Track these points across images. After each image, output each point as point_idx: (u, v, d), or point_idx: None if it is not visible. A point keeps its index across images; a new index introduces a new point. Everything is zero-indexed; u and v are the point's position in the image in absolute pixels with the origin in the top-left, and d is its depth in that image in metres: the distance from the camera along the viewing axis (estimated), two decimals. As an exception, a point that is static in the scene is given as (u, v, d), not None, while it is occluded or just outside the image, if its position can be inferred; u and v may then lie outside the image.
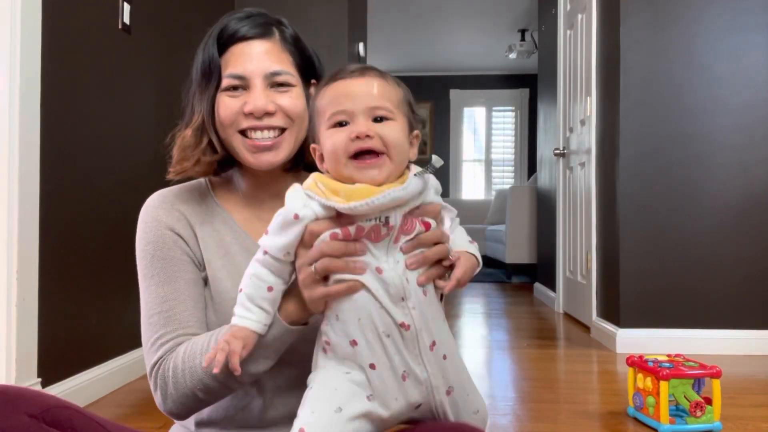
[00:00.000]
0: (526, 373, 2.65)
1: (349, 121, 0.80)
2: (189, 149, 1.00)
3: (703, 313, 2.94)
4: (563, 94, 4.23)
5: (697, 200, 2.97)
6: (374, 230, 0.78)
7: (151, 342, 0.96)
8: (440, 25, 6.63)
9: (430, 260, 0.82)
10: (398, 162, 0.81)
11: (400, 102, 0.84)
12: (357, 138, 0.78)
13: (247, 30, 0.99)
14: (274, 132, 0.98)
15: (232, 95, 0.98)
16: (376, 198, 0.75)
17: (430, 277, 0.82)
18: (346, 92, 0.81)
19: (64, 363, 2.03)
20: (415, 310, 0.80)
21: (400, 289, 0.79)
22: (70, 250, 2.07)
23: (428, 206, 0.83)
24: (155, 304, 0.97)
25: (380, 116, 0.81)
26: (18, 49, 1.78)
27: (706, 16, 2.99)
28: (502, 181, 8.43)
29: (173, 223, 1.01)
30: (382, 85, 0.83)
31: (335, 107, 0.81)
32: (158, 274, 0.98)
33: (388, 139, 0.79)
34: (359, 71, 0.84)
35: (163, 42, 2.77)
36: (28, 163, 1.82)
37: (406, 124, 0.84)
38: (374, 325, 0.79)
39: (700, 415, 1.82)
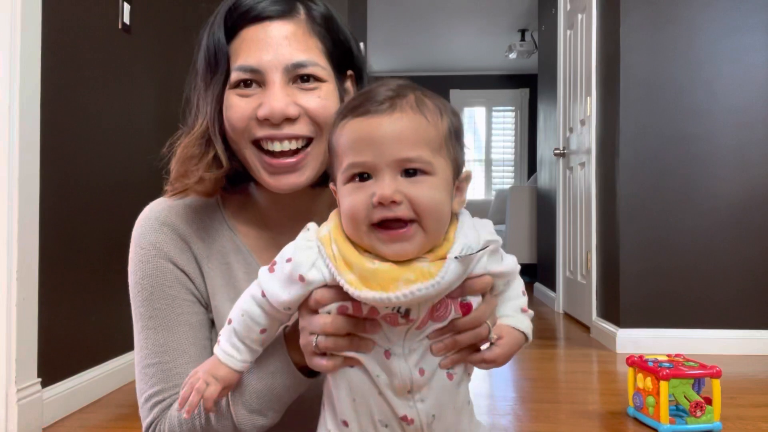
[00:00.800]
0: (526, 373, 2.65)
1: (372, 175, 0.62)
2: (191, 162, 0.79)
3: (703, 313, 2.94)
4: (563, 94, 4.23)
5: (697, 200, 2.97)
6: (390, 317, 0.62)
7: (145, 397, 0.81)
8: (440, 25, 6.63)
9: (462, 346, 0.65)
10: (435, 230, 0.62)
11: (443, 142, 0.64)
12: (380, 204, 0.60)
13: (263, 7, 0.77)
14: (297, 143, 0.76)
15: (242, 94, 0.77)
16: (395, 296, 0.59)
17: (457, 360, 0.66)
18: (369, 136, 0.61)
19: (64, 363, 2.03)
20: (424, 403, 0.65)
21: (408, 381, 0.63)
22: (70, 251, 2.07)
23: (475, 282, 0.64)
24: (152, 353, 0.81)
25: (413, 169, 0.61)
26: (18, 49, 1.78)
27: (706, 16, 2.99)
28: (502, 181, 8.43)
29: (176, 256, 0.83)
30: (419, 124, 0.62)
31: (354, 156, 0.62)
32: (157, 316, 0.82)
33: (421, 203, 0.60)
34: (389, 102, 0.63)
35: (163, 42, 2.77)
36: (28, 163, 1.82)
37: (449, 171, 0.64)
38: (370, 412, 0.65)
39: (700, 415, 1.82)
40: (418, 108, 0.63)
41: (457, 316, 0.64)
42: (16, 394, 1.76)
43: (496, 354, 0.67)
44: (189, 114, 0.83)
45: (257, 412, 0.74)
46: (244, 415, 0.74)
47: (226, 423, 0.75)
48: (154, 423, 0.80)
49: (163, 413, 0.79)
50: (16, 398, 1.76)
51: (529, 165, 8.12)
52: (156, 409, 0.80)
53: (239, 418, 0.74)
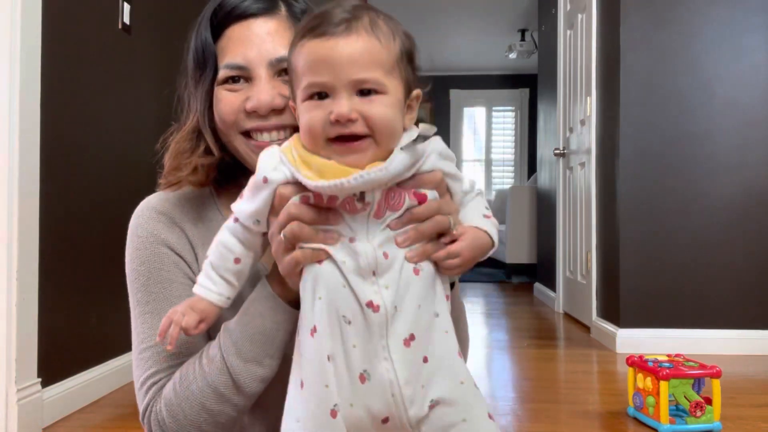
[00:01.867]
0: (526, 373, 2.66)
1: (329, 94, 0.66)
2: (184, 156, 0.84)
3: (703, 313, 2.94)
4: (563, 94, 4.23)
5: (697, 200, 2.97)
6: (348, 202, 0.66)
7: (141, 381, 0.81)
8: (440, 25, 6.63)
9: (425, 235, 0.68)
10: (386, 144, 0.66)
11: (396, 63, 0.68)
12: (336, 121, 0.65)
13: (247, 6, 0.81)
14: (283, 132, 0.81)
15: (231, 89, 0.81)
16: (347, 180, 0.63)
17: (422, 253, 0.68)
18: (326, 57, 0.65)
19: (64, 363, 2.03)
20: (389, 290, 0.66)
21: (372, 260, 0.66)
22: (70, 250, 2.07)
23: (424, 176, 0.69)
24: (148, 337, 0.82)
25: (367, 89, 0.66)
26: (18, 49, 1.78)
27: (706, 16, 2.99)
28: (502, 181, 8.43)
29: (173, 241, 0.85)
30: (372, 46, 0.66)
31: (312, 77, 0.66)
32: (154, 300, 0.83)
33: (374, 120, 0.65)
34: (345, 24, 0.66)
35: (163, 42, 2.77)
36: (28, 163, 1.82)
37: (401, 89, 0.69)
38: (335, 307, 0.66)
39: (700, 415, 1.82)
40: (372, 31, 0.67)
41: (412, 203, 0.68)
42: (16, 394, 1.76)
43: (459, 246, 0.69)
44: (180, 112, 0.88)
45: (252, 360, 0.75)
46: (240, 366, 0.75)
47: (224, 379, 0.75)
48: (150, 405, 0.80)
49: (158, 393, 0.80)
50: (16, 398, 1.76)
51: (529, 165, 8.12)
52: (151, 390, 0.81)
53: (235, 370, 0.75)
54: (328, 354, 0.65)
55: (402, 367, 0.65)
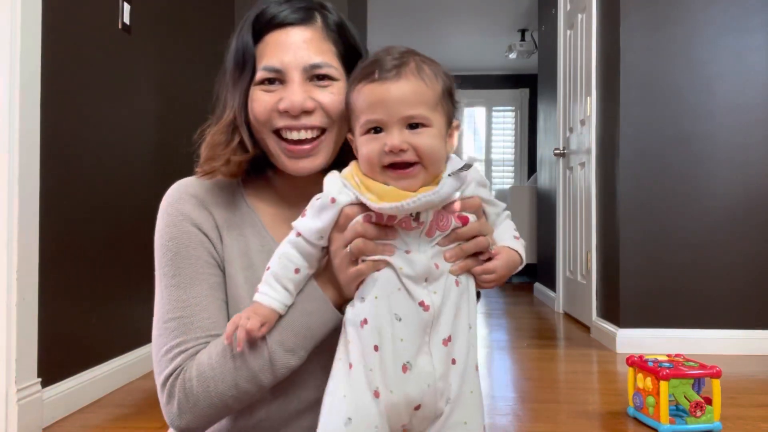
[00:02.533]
0: (526, 373, 2.66)
1: (383, 129, 0.78)
2: (219, 147, 0.90)
3: (703, 313, 2.94)
4: (563, 94, 4.23)
5: (697, 200, 2.97)
6: (405, 221, 0.78)
7: (166, 349, 0.86)
8: (440, 26, 6.63)
9: (467, 252, 0.81)
10: (433, 169, 0.79)
11: (439, 100, 0.81)
12: (390, 151, 0.76)
13: (285, 15, 0.89)
14: (312, 132, 0.89)
15: (266, 90, 0.88)
16: (406, 203, 0.75)
17: (464, 267, 0.80)
18: (381, 99, 0.78)
19: (64, 363, 2.03)
20: (437, 295, 0.78)
21: (426, 269, 0.77)
22: (70, 250, 2.07)
23: (466, 201, 0.81)
24: (174, 308, 0.87)
25: (415, 123, 0.78)
26: (18, 49, 1.78)
27: (706, 16, 2.99)
28: (502, 181, 8.43)
29: (201, 222, 0.91)
30: (418, 88, 0.79)
31: (369, 114, 0.79)
32: (180, 274, 0.89)
33: (422, 149, 0.77)
34: (395, 71, 0.78)
35: (163, 42, 2.77)
36: (28, 163, 1.82)
37: (443, 123, 0.81)
38: (389, 305, 0.77)
39: (700, 415, 1.82)
40: (419, 74, 0.79)
41: (457, 225, 0.80)
42: (16, 394, 1.76)
43: (495, 264, 0.82)
44: (217, 107, 0.94)
45: (291, 350, 0.82)
46: (279, 353, 0.82)
47: (261, 363, 0.82)
48: (176, 370, 0.85)
49: (188, 361, 0.85)
50: (16, 398, 1.76)
51: (529, 165, 8.11)
52: (179, 358, 0.85)
53: (274, 356, 0.82)
54: (375, 344, 0.76)
55: (439, 363, 0.77)
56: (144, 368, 2.51)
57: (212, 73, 0.99)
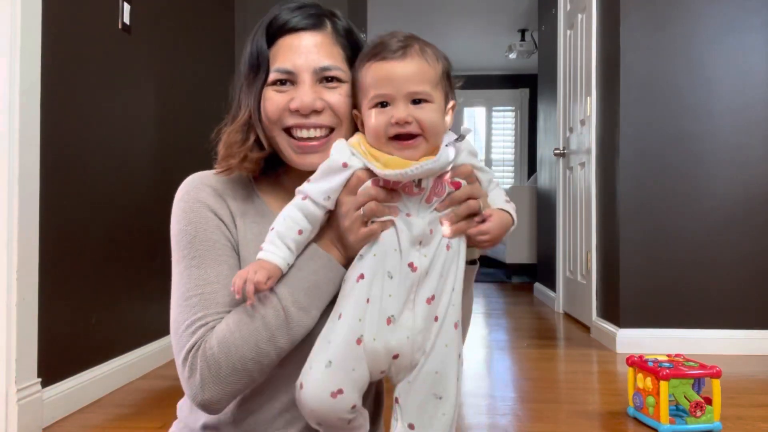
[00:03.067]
0: (526, 373, 2.66)
1: (390, 103, 0.85)
2: (235, 146, 0.96)
3: (703, 313, 2.94)
4: (563, 94, 4.23)
5: (696, 200, 2.97)
6: (408, 187, 0.85)
7: (187, 324, 0.89)
8: (440, 25, 6.63)
9: (461, 216, 0.87)
10: (433, 141, 0.86)
11: (439, 79, 0.88)
12: (396, 123, 0.84)
13: (298, 21, 0.95)
14: (321, 131, 0.94)
15: (278, 90, 0.94)
16: (410, 170, 0.82)
17: (457, 229, 0.87)
18: (387, 75, 0.85)
19: (64, 363, 2.03)
20: (426, 258, 0.84)
21: (421, 232, 0.84)
22: (70, 250, 2.07)
23: (459, 168, 0.88)
24: (195, 286, 0.90)
25: (419, 98, 0.85)
26: (18, 49, 1.78)
27: (706, 16, 2.99)
28: (502, 181, 8.43)
29: (217, 208, 0.96)
30: (422, 67, 0.86)
31: (377, 89, 0.86)
32: (201, 255, 0.92)
33: (424, 122, 0.84)
34: (401, 51, 0.86)
35: (163, 42, 2.77)
36: (28, 163, 1.82)
37: (443, 100, 0.89)
38: (384, 263, 0.84)
39: (700, 415, 1.82)
40: (422, 55, 0.87)
41: (451, 190, 0.87)
42: (16, 394, 1.76)
43: (488, 226, 0.88)
44: (232, 107, 0.99)
45: (304, 309, 0.87)
46: (294, 312, 0.87)
47: (278, 322, 0.86)
48: (198, 342, 0.88)
49: (208, 333, 0.88)
50: (16, 398, 1.76)
51: (529, 165, 8.12)
52: (200, 331, 0.88)
53: (290, 315, 0.86)
54: (367, 297, 0.84)
55: (420, 319, 0.85)
56: (144, 368, 2.51)
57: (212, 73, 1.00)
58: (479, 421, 1.98)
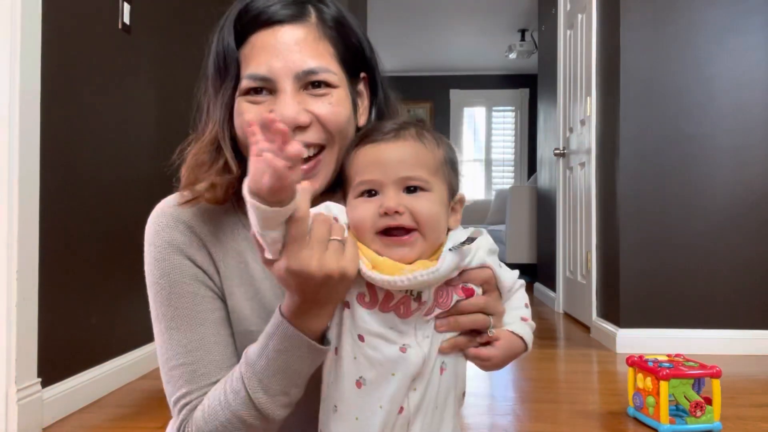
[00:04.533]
0: (526, 373, 2.65)
1: (379, 191, 0.70)
2: (201, 169, 0.78)
3: (703, 313, 2.94)
4: (563, 94, 4.23)
5: (696, 200, 2.97)
6: (404, 303, 0.69)
7: (174, 400, 0.80)
8: (440, 25, 6.62)
9: (462, 328, 0.71)
10: (433, 239, 0.70)
11: (440, 166, 0.72)
12: (386, 214, 0.68)
13: (274, 11, 0.75)
14: (309, 150, 0.76)
15: (253, 101, 0.76)
16: (400, 279, 0.66)
17: (454, 345, 0.71)
18: (376, 159, 0.70)
19: (64, 363, 2.03)
20: (416, 392, 0.70)
21: (417, 369, 0.69)
22: (70, 250, 2.07)
23: (473, 272, 0.71)
24: (177, 354, 0.79)
25: (413, 186, 0.70)
26: (18, 49, 1.78)
27: (706, 16, 2.99)
28: (502, 181, 8.43)
29: (192, 252, 0.80)
30: (418, 150, 0.71)
31: (364, 175, 0.70)
32: (179, 316, 0.79)
33: (420, 214, 0.68)
34: (394, 133, 0.72)
35: (163, 42, 2.77)
36: (28, 163, 1.82)
37: (445, 191, 0.73)
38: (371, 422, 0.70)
39: (700, 415, 1.82)
40: (418, 137, 0.72)
41: (460, 298, 0.70)
42: (16, 394, 1.76)
43: (491, 353, 0.72)
44: (199, 120, 0.82)
45: (279, 393, 0.72)
46: (266, 399, 0.72)
47: (250, 412, 0.73)
48: (182, 424, 0.79)
49: (190, 414, 0.78)
50: (16, 398, 1.76)
51: (529, 165, 8.12)
52: (184, 410, 0.79)
53: (261, 404, 0.72)
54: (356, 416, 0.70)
55: None
56: (144, 368, 2.51)
57: None
58: (479, 421, 1.98)
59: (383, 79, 0.86)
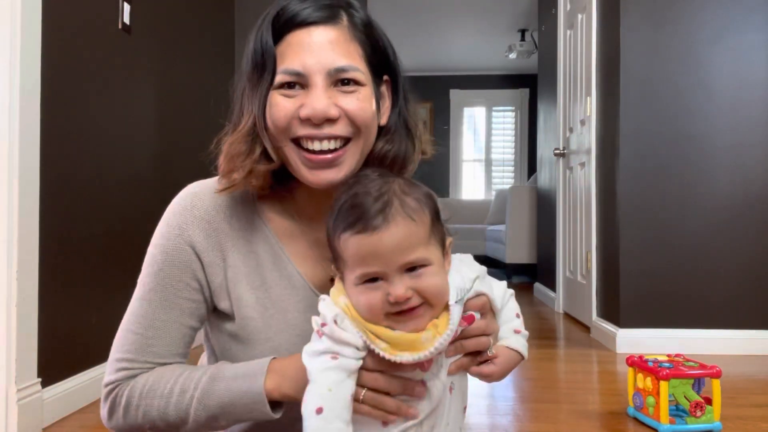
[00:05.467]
0: (526, 373, 2.65)
1: (382, 278, 0.73)
2: (239, 158, 0.83)
3: (703, 313, 2.94)
4: (563, 94, 4.23)
5: (696, 200, 2.97)
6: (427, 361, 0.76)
7: (117, 358, 0.87)
8: (440, 26, 6.63)
9: (467, 350, 0.79)
10: (439, 305, 0.75)
11: (430, 232, 0.76)
12: (396, 303, 0.72)
13: (308, 13, 0.81)
14: (335, 142, 0.82)
15: (286, 94, 0.81)
16: (424, 354, 0.72)
17: (460, 366, 0.80)
18: (374, 251, 0.72)
19: (64, 363, 2.03)
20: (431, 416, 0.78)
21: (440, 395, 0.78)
22: (70, 250, 2.07)
23: (471, 302, 0.78)
24: (140, 324, 0.86)
25: (414, 266, 0.74)
26: (18, 48, 1.78)
27: (706, 16, 2.99)
28: (502, 181, 8.43)
29: (199, 241, 0.86)
30: (410, 230, 0.73)
31: (365, 268, 0.73)
32: (158, 290, 0.86)
33: (426, 292, 0.73)
34: (382, 216, 0.72)
35: (163, 42, 2.77)
36: (28, 162, 1.82)
37: (440, 252, 0.77)
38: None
39: (700, 415, 1.82)
40: (405, 213, 0.73)
41: (464, 328, 0.77)
42: (16, 394, 1.76)
43: (492, 370, 0.81)
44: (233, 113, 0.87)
45: (213, 418, 0.82)
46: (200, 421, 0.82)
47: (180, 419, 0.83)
48: (115, 383, 0.86)
49: (127, 380, 0.85)
50: (16, 398, 1.76)
51: (529, 165, 8.12)
52: (122, 372, 0.86)
53: (196, 415, 0.82)
54: None
55: None
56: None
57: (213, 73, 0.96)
58: (479, 421, 1.98)
59: (405, 83, 0.92)
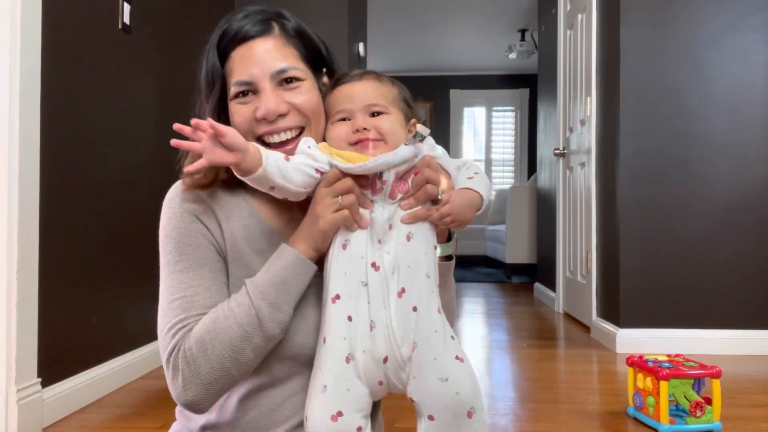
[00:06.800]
0: (526, 373, 2.65)
1: (351, 117, 0.95)
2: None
3: (703, 313, 2.94)
4: (563, 94, 4.23)
5: (696, 200, 2.97)
6: (372, 183, 0.91)
7: (168, 327, 0.91)
8: (440, 25, 6.63)
9: (418, 201, 0.91)
10: (393, 144, 0.93)
11: (395, 99, 0.97)
12: (357, 131, 0.93)
13: (247, 30, 0.96)
14: (291, 132, 0.96)
15: (242, 102, 0.95)
16: (369, 162, 0.89)
17: (414, 216, 0.91)
18: (347, 94, 0.96)
19: (64, 363, 2.03)
20: (389, 255, 0.89)
21: (381, 230, 0.90)
22: (70, 250, 2.07)
23: (420, 161, 0.93)
24: (178, 290, 0.92)
25: (376, 111, 0.94)
26: (18, 49, 1.78)
27: (706, 16, 2.99)
28: (502, 181, 8.43)
29: (201, 214, 0.97)
30: (377, 86, 0.96)
31: (339, 107, 0.96)
32: (184, 260, 0.94)
33: (382, 128, 0.93)
34: (358, 75, 0.97)
35: (163, 42, 2.77)
36: (28, 162, 1.82)
37: (401, 116, 0.97)
38: (356, 276, 0.88)
39: (700, 415, 1.82)
40: (377, 79, 0.98)
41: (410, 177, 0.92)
42: (16, 394, 1.76)
43: (448, 208, 0.91)
44: None
45: (274, 305, 0.89)
46: (265, 308, 0.88)
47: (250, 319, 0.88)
48: (178, 344, 0.89)
49: (187, 334, 0.90)
50: (16, 398, 1.76)
51: (529, 165, 8.12)
52: (180, 332, 0.90)
53: (260, 311, 0.88)
54: (348, 315, 0.87)
55: (395, 314, 0.87)
56: (144, 368, 2.51)
57: None
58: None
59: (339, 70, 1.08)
